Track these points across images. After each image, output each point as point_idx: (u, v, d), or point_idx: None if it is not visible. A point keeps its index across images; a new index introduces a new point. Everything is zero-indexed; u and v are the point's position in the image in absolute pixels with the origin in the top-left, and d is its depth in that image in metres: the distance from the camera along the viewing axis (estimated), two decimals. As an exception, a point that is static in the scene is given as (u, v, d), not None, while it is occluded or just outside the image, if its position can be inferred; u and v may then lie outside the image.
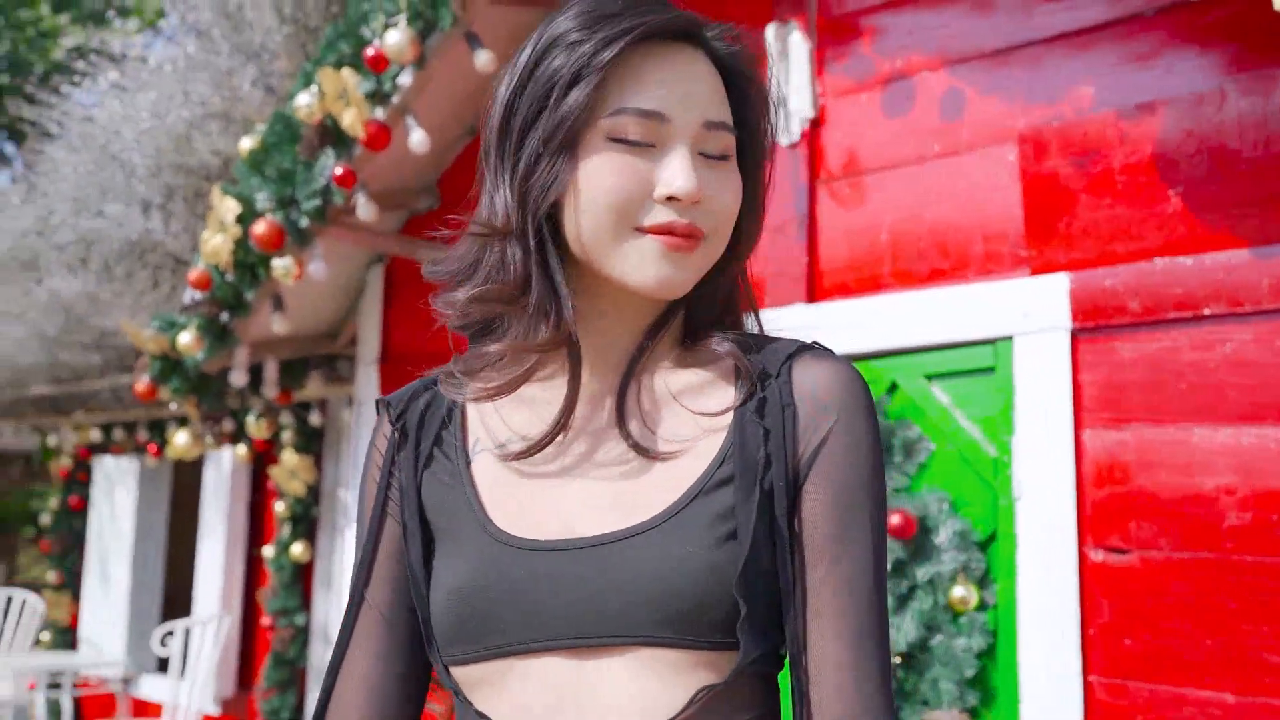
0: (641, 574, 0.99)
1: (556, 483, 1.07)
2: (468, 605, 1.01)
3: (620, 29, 1.00)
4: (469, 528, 1.05)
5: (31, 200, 4.22)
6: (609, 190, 1.02)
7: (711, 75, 1.06)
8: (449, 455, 1.09)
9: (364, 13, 3.12)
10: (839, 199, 2.90)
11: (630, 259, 1.03)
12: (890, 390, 2.73)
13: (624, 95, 1.02)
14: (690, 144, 1.03)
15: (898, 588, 2.58)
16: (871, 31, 2.88)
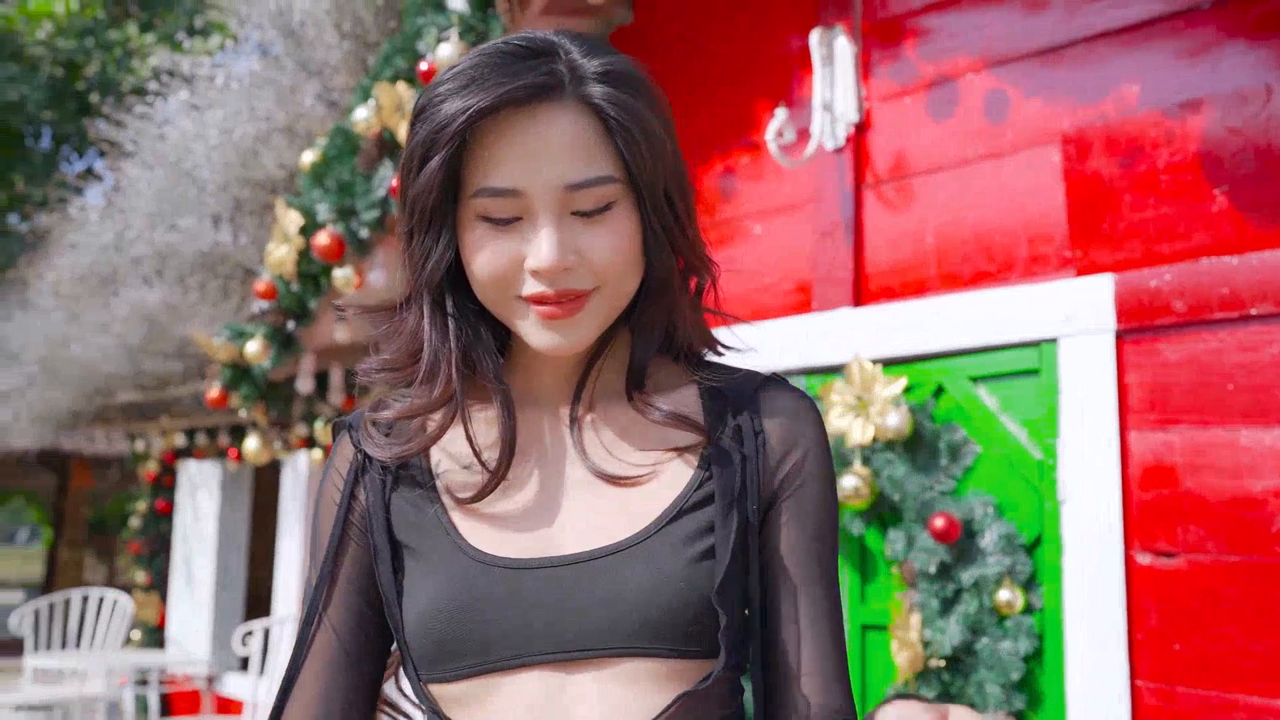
0: (625, 589, 1.03)
1: (528, 504, 1.11)
2: (448, 624, 1.04)
3: (464, 105, 1.01)
4: (443, 548, 1.08)
5: (109, 216, 4.40)
6: (481, 269, 1.05)
7: (578, 127, 1.04)
8: (416, 477, 1.12)
9: (418, 28, 3.20)
10: (884, 203, 2.90)
11: (521, 325, 1.07)
12: (936, 393, 2.72)
13: (482, 174, 1.03)
14: (555, 210, 1.04)
15: (943, 591, 2.57)
16: (916, 34, 2.88)
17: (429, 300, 1.08)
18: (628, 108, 1.04)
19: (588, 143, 1.03)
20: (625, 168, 1.06)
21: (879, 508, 2.72)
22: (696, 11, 3.38)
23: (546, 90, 1.02)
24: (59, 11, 7.70)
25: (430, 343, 1.09)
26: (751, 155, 3.14)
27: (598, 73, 1.04)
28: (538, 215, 1.03)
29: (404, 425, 1.13)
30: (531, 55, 1.03)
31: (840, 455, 2.74)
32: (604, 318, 1.08)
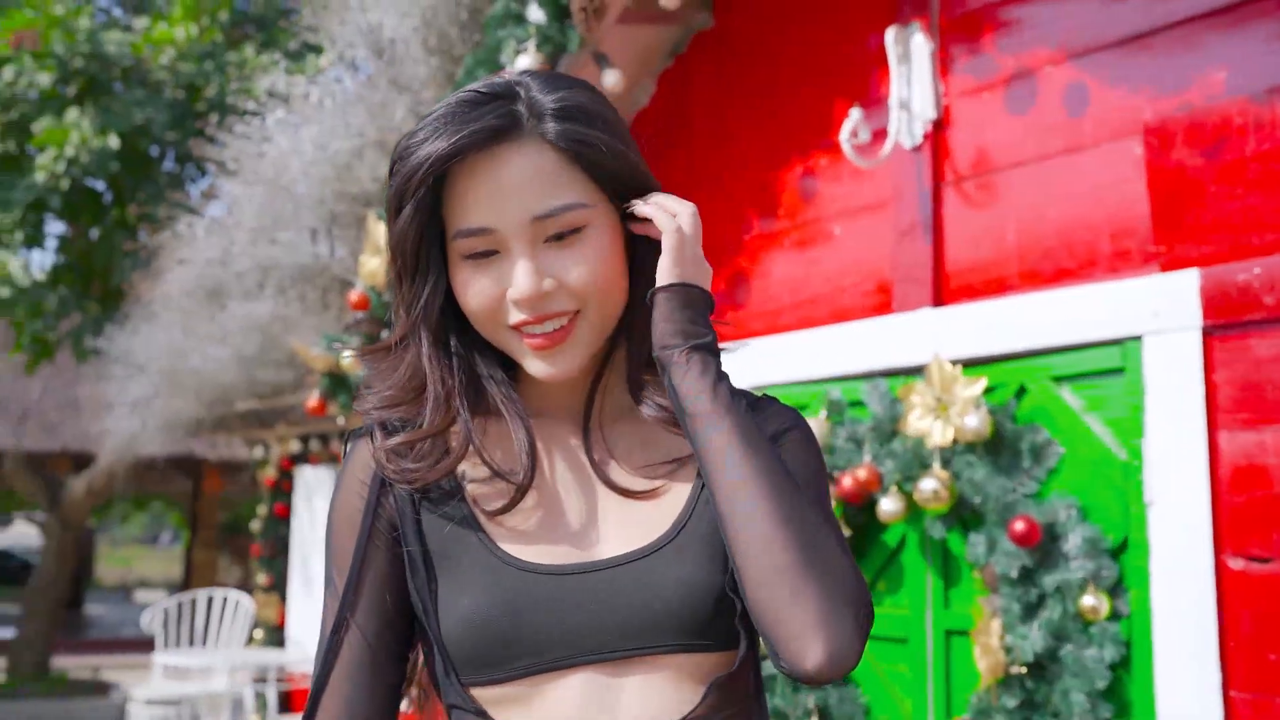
0: (661, 589, 1.09)
1: (553, 513, 1.16)
2: (491, 629, 1.08)
3: (427, 153, 1.08)
4: (479, 555, 1.12)
5: (213, 233, 4.58)
6: (469, 305, 1.13)
7: (539, 162, 1.10)
8: (444, 486, 1.16)
9: (499, 41, 3.26)
10: (964, 200, 2.85)
11: (515, 354, 1.15)
12: (1018, 394, 2.67)
13: (458, 216, 1.11)
14: (527, 242, 1.10)
15: (1025, 596, 2.51)
16: (994, 28, 2.83)
17: (428, 337, 1.15)
18: (584, 137, 1.11)
19: (549, 175, 1.10)
20: (596, 192, 1.13)
21: (960, 511, 2.67)
22: (775, 14, 3.37)
23: (505, 131, 1.09)
24: (180, 37, 8.05)
25: (434, 377, 1.15)
26: (830, 156, 3.11)
27: (554, 108, 1.10)
28: (512, 248, 1.10)
29: (422, 446, 1.17)
30: (491, 99, 1.10)
31: (919, 457, 2.70)
32: (594, 338, 1.15)
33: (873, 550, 2.89)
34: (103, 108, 7.62)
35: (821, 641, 1.00)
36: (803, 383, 3.10)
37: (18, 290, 7.28)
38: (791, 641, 1.01)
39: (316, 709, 1.14)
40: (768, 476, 1.06)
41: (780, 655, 1.02)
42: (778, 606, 1.02)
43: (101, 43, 7.82)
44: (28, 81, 7.69)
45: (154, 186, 7.70)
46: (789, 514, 1.04)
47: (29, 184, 7.38)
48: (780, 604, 1.02)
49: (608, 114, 1.15)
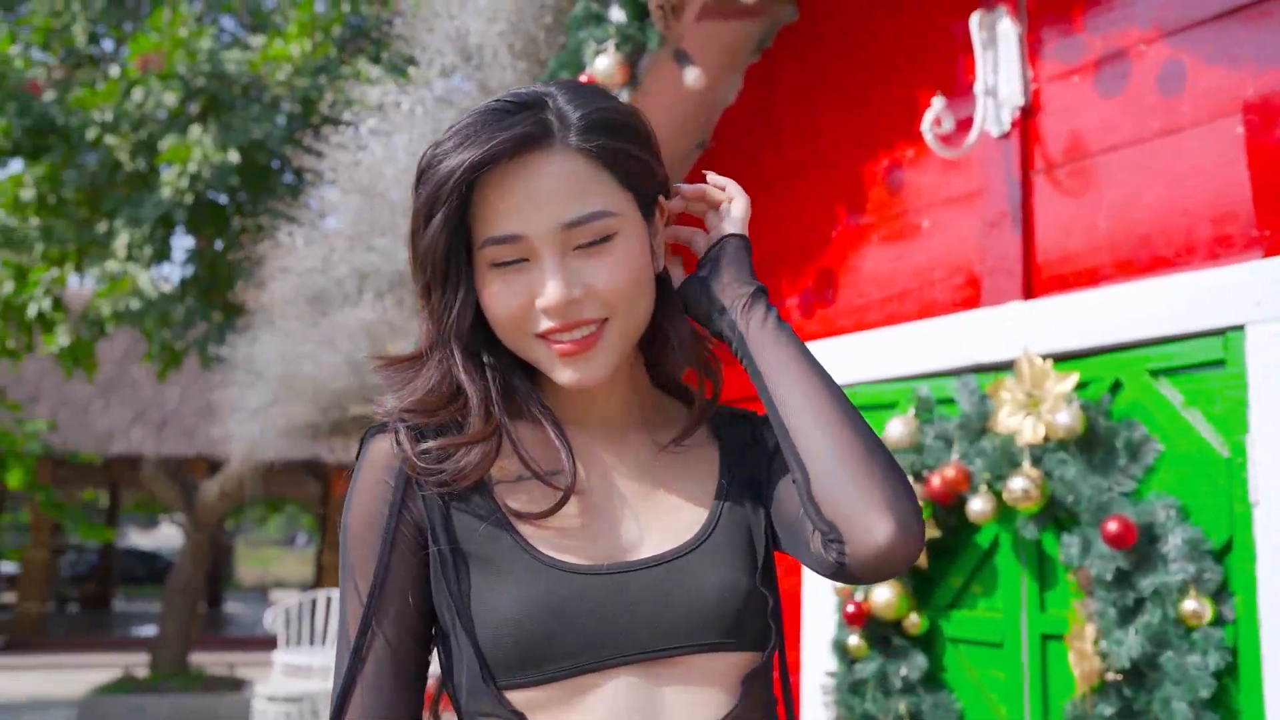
0: (699, 589, 1.12)
1: (587, 515, 1.17)
2: (531, 629, 1.08)
3: (459, 162, 1.09)
4: (515, 556, 1.12)
5: (313, 241, 4.70)
6: (496, 313, 1.14)
7: (569, 170, 1.11)
8: (475, 487, 1.17)
9: (580, 41, 3.26)
10: (1054, 189, 2.74)
11: (542, 362, 1.16)
12: (1113, 389, 2.55)
13: (487, 225, 1.12)
14: (556, 249, 1.11)
15: (1122, 600, 2.40)
16: (1083, 9, 2.71)
17: (459, 347, 1.16)
18: (612, 146, 1.13)
19: (579, 183, 1.11)
20: (624, 200, 1.15)
21: (1053, 511, 2.57)
22: (860, 4, 3.30)
23: (535, 139, 1.11)
24: (295, 53, 8.29)
25: (474, 386, 1.17)
26: (918, 148, 3.03)
27: (583, 117, 1.12)
28: (541, 256, 1.11)
29: (457, 451, 1.17)
30: (520, 108, 1.12)
31: (1009, 456, 2.60)
32: (622, 345, 1.16)
33: (964, 551, 2.80)
34: (223, 124, 7.90)
35: (892, 517, 1.04)
36: (890, 380, 3.03)
37: (147, 302, 7.59)
38: (863, 519, 1.05)
39: (343, 712, 1.14)
40: (829, 388, 1.13)
41: (850, 538, 1.05)
42: (849, 489, 1.06)
43: (222, 62, 8.10)
44: (155, 102, 8.01)
45: (273, 198, 7.94)
46: (852, 417, 1.12)
47: (156, 200, 7.69)
48: (851, 487, 1.06)
49: (635, 124, 1.18)
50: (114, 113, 7.98)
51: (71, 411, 15.60)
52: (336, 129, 4.43)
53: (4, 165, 8.49)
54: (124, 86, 8.12)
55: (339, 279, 4.58)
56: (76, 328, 8.14)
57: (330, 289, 4.69)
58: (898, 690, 2.81)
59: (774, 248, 3.50)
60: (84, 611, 22.85)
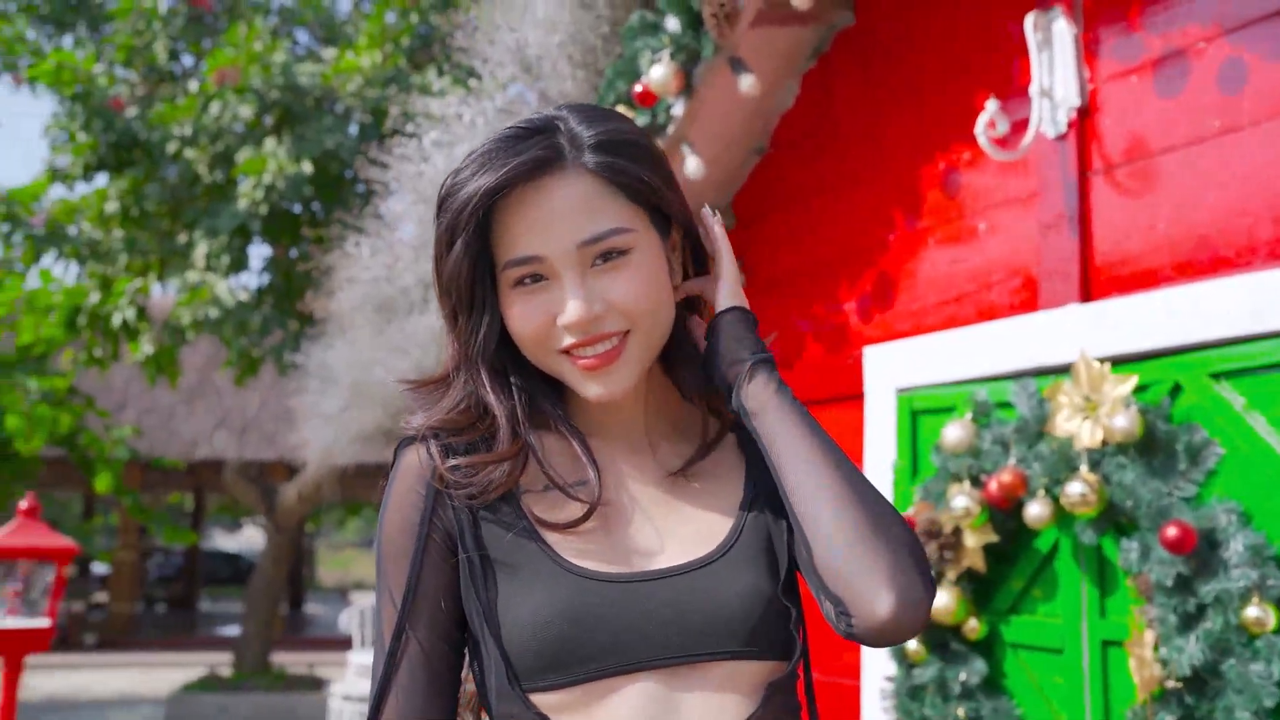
0: (721, 597, 1.14)
1: (612, 523, 1.20)
2: (554, 634, 1.11)
3: (475, 188, 1.13)
4: (540, 563, 1.16)
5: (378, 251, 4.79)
6: (520, 332, 1.18)
7: (582, 190, 1.16)
8: (503, 496, 1.20)
9: (635, 51, 3.29)
10: (1112, 190, 2.71)
11: (567, 377, 1.20)
12: (1173, 392, 2.52)
13: (507, 248, 1.16)
14: (575, 267, 1.15)
15: (1182, 606, 2.37)
16: (1141, 8, 2.68)
17: (485, 367, 1.20)
18: (623, 166, 1.17)
19: (592, 202, 1.15)
20: (637, 217, 1.19)
21: (1113, 515, 2.54)
22: (916, 7, 3.29)
23: (548, 162, 1.15)
24: (366, 64, 8.44)
25: (501, 407, 1.21)
26: (974, 151, 3.01)
27: (593, 139, 1.16)
28: (561, 275, 1.15)
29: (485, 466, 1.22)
30: (532, 134, 1.16)
31: (1067, 460, 2.58)
32: (644, 357, 1.20)
33: (1023, 556, 2.78)
34: (297, 135, 8.07)
35: (894, 591, 1.06)
36: (948, 384, 3.01)
37: (225, 310, 7.79)
38: (865, 593, 1.07)
39: (379, 714, 1.18)
40: (831, 457, 1.15)
41: (853, 611, 1.08)
42: (850, 564, 1.09)
43: (295, 75, 8.28)
44: (231, 115, 8.21)
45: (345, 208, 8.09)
46: (854, 486, 1.13)
47: (233, 211, 7.89)
48: (852, 562, 1.09)
49: (645, 144, 1.22)
50: (193, 127, 8.21)
51: (157, 418, 16.04)
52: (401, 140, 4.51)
53: (90, 180, 8.76)
54: (202, 101, 8.35)
55: (405, 288, 4.67)
56: (159, 336, 8.37)
57: (396, 298, 4.79)
58: (956, 695, 2.80)
59: (832, 252, 3.50)
60: (171, 611, 23.44)
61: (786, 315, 3.66)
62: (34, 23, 10.34)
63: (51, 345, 9.28)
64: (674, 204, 1.24)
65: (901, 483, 3.07)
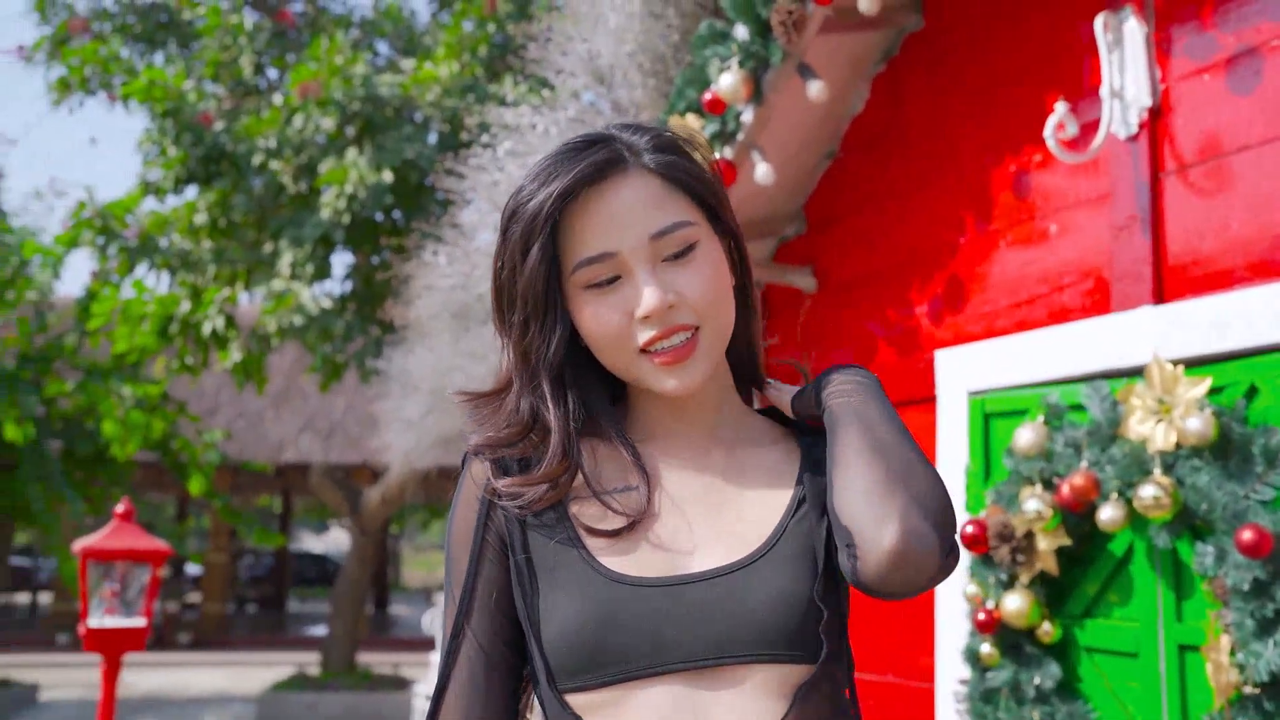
0: (749, 603, 1.16)
1: (655, 526, 1.22)
2: (583, 637, 1.16)
3: (546, 194, 1.17)
4: (578, 568, 1.20)
5: (455, 259, 4.89)
6: (598, 332, 1.21)
7: (648, 188, 1.20)
8: (557, 510, 1.24)
9: (705, 59, 3.33)
10: (1185, 191, 2.69)
11: (644, 376, 1.22)
12: (1249, 394, 2.49)
13: (577, 250, 1.19)
14: (647, 261, 1.19)
15: (1260, 611, 2.34)
16: (1214, 4, 2.65)
17: (548, 378, 1.23)
18: (680, 165, 1.23)
19: (658, 197, 1.20)
20: (698, 213, 1.23)
21: (1188, 519, 2.52)
22: (985, 10, 3.28)
23: (612, 164, 1.20)
24: (444, 74, 8.59)
25: (558, 423, 1.24)
26: (1045, 153, 3.00)
27: (649, 143, 1.23)
28: (633, 269, 1.19)
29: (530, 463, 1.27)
30: (591, 144, 1.21)
31: (1140, 463, 2.56)
32: (714, 352, 1.22)
33: (1098, 560, 2.77)
34: (377, 145, 8.24)
35: (899, 523, 1.07)
36: (1021, 386, 3.01)
37: (309, 318, 7.98)
38: (871, 525, 1.08)
39: (439, 709, 1.24)
40: (888, 423, 1.18)
41: (860, 543, 1.09)
42: (866, 499, 1.10)
43: (375, 86, 8.45)
44: (314, 127, 8.41)
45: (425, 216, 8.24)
46: (898, 443, 1.16)
47: (316, 221, 8.08)
48: (865, 498, 1.10)
49: (695, 149, 1.27)
50: (277, 139, 8.42)
51: (246, 422, 16.45)
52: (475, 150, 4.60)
53: (180, 193, 9.03)
54: (285, 114, 8.56)
55: (481, 295, 4.76)
56: (246, 344, 8.60)
57: (473, 305, 4.88)
58: (1031, 699, 2.79)
59: (903, 255, 3.50)
60: (261, 612, 23.99)
61: (859, 319, 3.67)
62: (127, 42, 10.69)
63: (145, 353, 9.58)
64: (725, 208, 1.28)
65: (974, 486, 3.07)
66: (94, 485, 11.98)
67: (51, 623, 17.85)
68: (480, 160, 4.50)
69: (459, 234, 4.93)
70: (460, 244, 4.88)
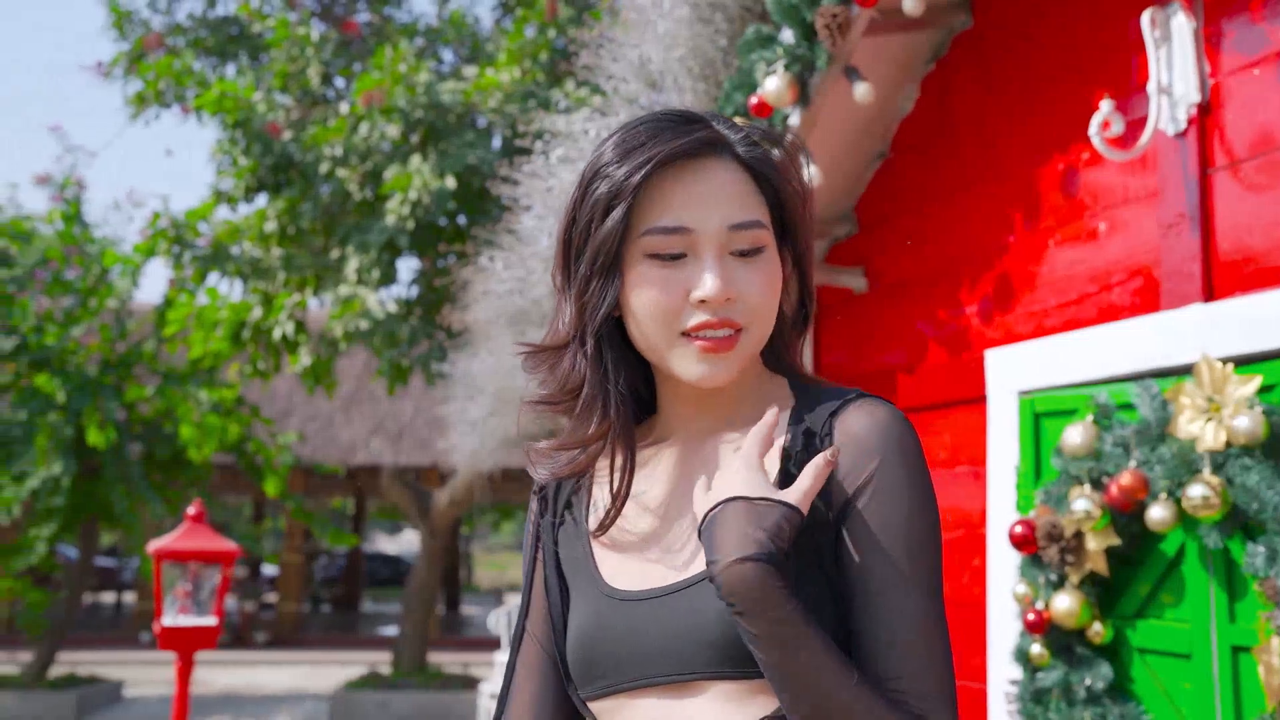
0: (703, 619, 1.14)
1: (647, 536, 1.25)
2: (586, 650, 1.21)
3: (644, 158, 1.16)
4: (587, 582, 1.25)
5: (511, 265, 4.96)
6: (649, 303, 1.18)
7: (736, 179, 1.19)
8: (575, 518, 1.30)
9: (752, 63, 3.36)
10: (1236, 186, 2.66)
11: (678, 360, 1.19)
12: (1300, 392, 2.46)
13: (653, 215, 1.17)
14: (718, 248, 1.17)
15: (1312, 611, 2.32)
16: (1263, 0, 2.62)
17: (593, 342, 1.21)
18: (772, 166, 1.22)
19: (745, 192, 1.20)
20: (771, 223, 1.22)
21: (1240, 518, 2.49)
22: (1034, 8, 3.27)
23: (712, 145, 1.19)
24: (505, 80, 8.69)
25: (592, 381, 1.21)
26: (1093, 151, 2.98)
27: (746, 140, 1.22)
28: (703, 252, 1.18)
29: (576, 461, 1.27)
30: (689, 121, 1.21)
31: (1188, 462, 2.54)
32: (747, 358, 1.21)
33: (1149, 560, 2.74)
34: (440, 152, 8.36)
35: None
36: (1070, 386, 2.99)
37: (374, 322, 8.13)
38: None
39: (506, 704, 1.30)
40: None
41: None
42: None
43: (438, 93, 8.58)
44: (379, 134, 8.56)
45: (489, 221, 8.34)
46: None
47: (381, 227, 8.23)
48: None
49: (795, 155, 1.27)
50: (343, 147, 8.58)
51: (318, 425, 16.75)
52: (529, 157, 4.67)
53: (251, 201, 9.25)
54: (351, 122, 8.72)
55: (537, 299, 4.83)
56: (315, 348, 8.78)
57: (529, 309, 4.95)
58: (1082, 700, 2.77)
59: (953, 255, 3.49)
60: (335, 611, 24.39)
61: (909, 319, 3.66)
62: (200, 55, 10.97)
63: (219, 359, 9.83)
64: (801, 224, 1.26)
65: (1024, 486, 3.06)
66: (173, 487, 12.30)
67: (136, 621, 18.35)
68: (534, 167, 4.56)
69: (515, 239, 5.00)
70: (516, 249, 4.95)
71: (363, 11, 11.60)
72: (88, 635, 17.58)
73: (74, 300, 11.53)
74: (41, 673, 11.91)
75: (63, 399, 10.84)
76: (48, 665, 12.02)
